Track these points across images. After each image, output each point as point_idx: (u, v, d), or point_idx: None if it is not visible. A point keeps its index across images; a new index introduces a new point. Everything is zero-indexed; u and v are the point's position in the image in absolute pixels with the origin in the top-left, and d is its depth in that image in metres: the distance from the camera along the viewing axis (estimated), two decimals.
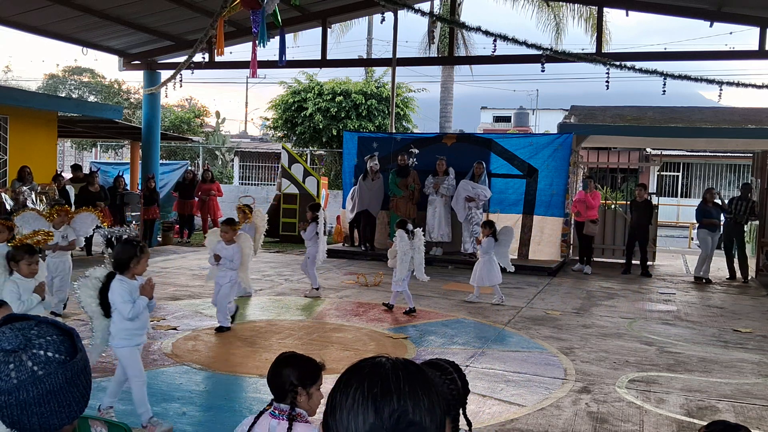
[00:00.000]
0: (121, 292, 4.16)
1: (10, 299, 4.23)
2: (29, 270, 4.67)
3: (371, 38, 26.53)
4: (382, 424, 1.04)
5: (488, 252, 8.73)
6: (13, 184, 11.15)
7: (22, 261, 4.64)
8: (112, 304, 4.18)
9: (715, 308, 9.32)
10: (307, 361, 2.69)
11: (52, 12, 12.01)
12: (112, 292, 4.17)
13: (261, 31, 8.27)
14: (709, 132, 12.78)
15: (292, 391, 2.58)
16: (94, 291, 4.20)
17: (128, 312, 4.16)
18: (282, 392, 2.61)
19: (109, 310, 4.22)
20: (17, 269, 4.64)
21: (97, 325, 4.28)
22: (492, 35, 10.66)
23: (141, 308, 4.20)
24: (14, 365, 1.23)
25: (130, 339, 4.28)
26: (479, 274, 8.80)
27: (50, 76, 36.59)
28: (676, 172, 28.38)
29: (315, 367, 2.68)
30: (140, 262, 4.24)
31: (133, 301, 4.17)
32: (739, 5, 11.39)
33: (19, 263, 4.63)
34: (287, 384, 2.59)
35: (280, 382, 2.62)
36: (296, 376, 2.60)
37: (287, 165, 15.11)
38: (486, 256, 8.75)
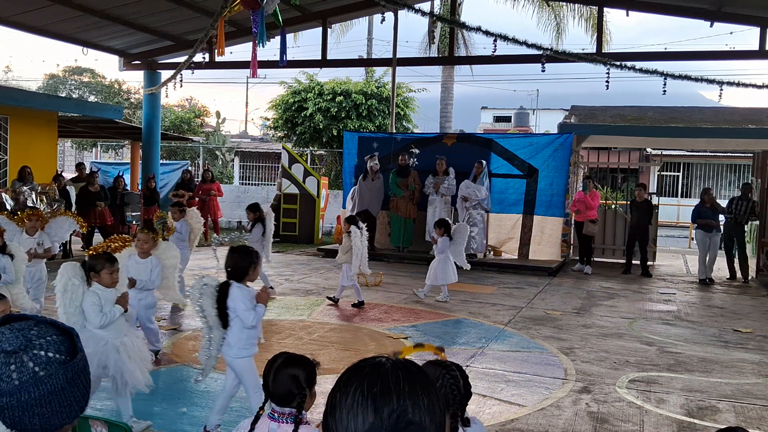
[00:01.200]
0: (244, 299, 4.04)
1: (92, 312, 4.11)
2: (111, 279, 4.32)
3: (371, 38, 26.56)
4: (382, 423, 1.05)
5: (443, 251, 8.71)
6: (14, 184, 11.15)
7: (103, 270, 4.28)
8: (233, 312, 4.03)
9: (715, 308, 9.32)
10: (307, 361, 2.63)
11: (52, 12, 12.02)
12: (234, 300, 4.02)
13: (261, 31, 8.27)
14: (709, 132, 12.78)
15: (301, 394, 2.51)
16: (212, 299, 4.05)
17: (252, 320, 4.05)
18: (288, 396, 2.52)
19: (227, 320, 4.07)
20: (98, 279, 4.28)
21: (216, 335, 4.12)
22: (492, 35, 10.66)
23: (262, 315, 4.10)
24: (15, 366, 1.23)
25: (249, 348, 4.16)
26: (434, 273, 8.77)
27: (50, 76, 36.60)
28: (676, 172, 28.38)
29: (312, 366, 2.63)
30: (256, 270, 4.17)
31: (253, 309, 4.06)
32: (739, 5, 11.39)
33: (100, 273, 4.28)
34: (295, 387, 2.51)
35: (287, 386, 2.53)
36: (304, 378, 2.53)
37: (287, 165, 15.11)
38: (441, 255, 8.72)
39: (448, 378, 2.18)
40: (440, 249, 8.75)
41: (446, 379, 2.19)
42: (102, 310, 4.15)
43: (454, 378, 2.20)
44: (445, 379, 2.18)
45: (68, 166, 29.40)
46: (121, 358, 4.13)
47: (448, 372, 2.21)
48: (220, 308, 4.03)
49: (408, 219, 12.79)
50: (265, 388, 2.59)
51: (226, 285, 4.05)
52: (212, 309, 4.03)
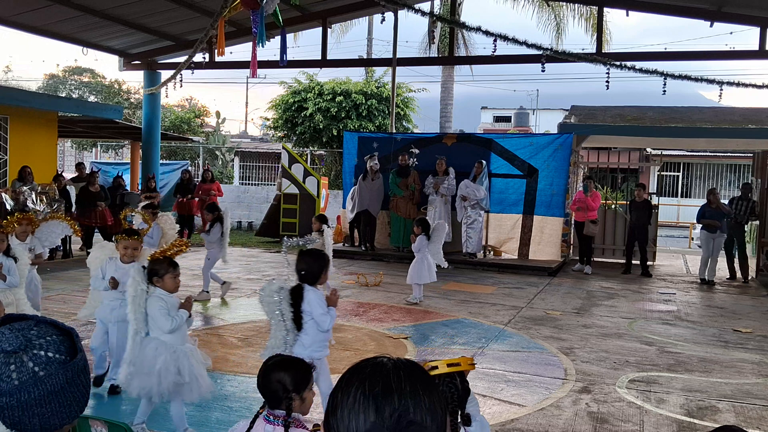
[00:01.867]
0: (320, 303, 4.09)
1: (161, 316, 4.03)
2: (174, 284, 4.21)
3: (371, 38, 26.55)
4: (383, 423, 1.05)
5: (421, 250, 8.64)
6: (14, 184, 11.14)
7: (167, 275, 4.16)
8: (309, 315, 4.08)
9: (715, 308, 9.32)
10: (297, 365, 2.61)
11: (52, 12, 12.02)
12: (310, 304, 4.07)
13: (260, 31, 8.27)
14: (709, 132, 12.77)
15: (287, 398, 2.50)
16: (288, 303, 4.06)
17: (328, 324, 4.11)
18: (276, 399, 2.53)
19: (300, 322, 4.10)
20: (161, 285, 4.16)
21: (290, 338, 4.10)
22: (492, 35, 10.67)
23: (335, 318, 4.15)
24: (15, 366, 1.23)
25: (322, 350, 4.21)
26: (411, 272, 8.71)
27: (50, 76, 36.61)
28: (676, 172, 28.38)
29: (306, 369, 2.61)
30: (326, 273, 4.20)
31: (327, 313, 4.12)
32: (739, 5, 11.39)
33: (164, 278, 4.16)
34: (281, 391, 2.51)
35: (273, 390, 2.53)
36: (290, 382, 2.52)
37: (287, 165, 15.11)
38: (419, 255, 8.66)
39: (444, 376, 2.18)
40: (417, 248, 8.67)
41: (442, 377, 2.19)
42: (169, 314, 4.10)
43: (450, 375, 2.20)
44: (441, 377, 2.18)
45: (68, 166, 29.40)
46: (192, 363, 4.11)
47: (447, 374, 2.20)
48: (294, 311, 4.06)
49: (408, 219, 12.78)
50: (259, 389, 2.59)
51: (299, 288, 4.09)
52: (290, 313, 4.04)
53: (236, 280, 10.06)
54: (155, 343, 4.05)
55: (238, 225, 18.36)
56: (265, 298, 4.06)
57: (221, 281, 8.85)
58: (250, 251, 13.84)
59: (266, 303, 4.07)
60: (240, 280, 10.06)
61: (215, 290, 8.84)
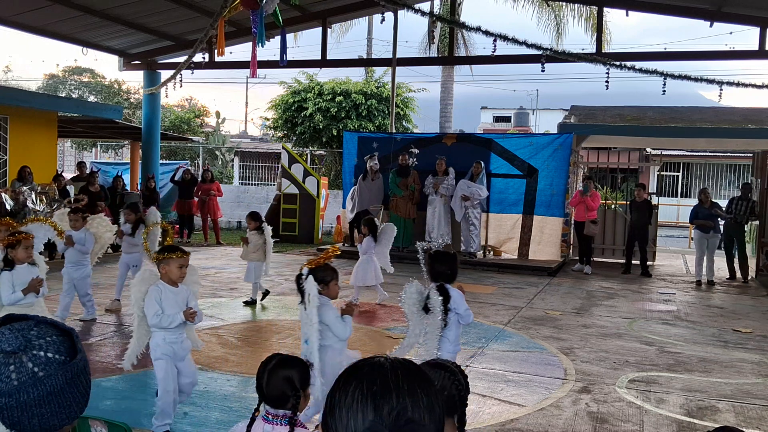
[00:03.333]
0: (463, 299, 4.31)
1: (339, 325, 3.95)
2: (336, 290, 4.10)
3: (371, 38, 26.55)
4: (382, 422, 1.05)
5: (367, 252, 8.56)
6: (13, 184, 11.15)
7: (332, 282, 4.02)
8: (454, 312, 4.28)
9: (715, 308, 9.32)
10: (299, 363, 2.60)
11: (52, 12, 12.02)
12: (455, 302, 4.27)
13: (260, 31, 8.27)
14: (709, 132, 12.78)
15: (295, 396, 2.50)
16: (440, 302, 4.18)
17: (471, 318, 4.39)
18: (283, 398, 2.51)
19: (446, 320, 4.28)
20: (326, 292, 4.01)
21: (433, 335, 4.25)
22: (492, 35, 10.67)
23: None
24: (15, 367, 1.23)
25: (458, 345, 4.47)
26: (356, 274, 8.61)
27: (50, 76, 36.63)
28: (676, 172, 28.39)
29: (305, 367, 2.61)
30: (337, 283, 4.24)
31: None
32: (739, 5, 11.39)
33: (329, 285, 4.00)
34: (289, 390, 2.50)
35: (281, 388, 2.51)
36: (298, 380, 2.52)
37: (287, 165, 15.11)
38: (365, 256, 8.57)
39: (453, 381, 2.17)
40: (364, 249, 8.59)
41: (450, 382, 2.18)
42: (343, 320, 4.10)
43: (458, 381, 2.19)
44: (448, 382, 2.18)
45: (68, 166, 29.41)
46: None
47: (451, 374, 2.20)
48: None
49: (408, 219, 12.79)
50: (259, 390, 2.58)
51: (442, 288, 4.25)
52: (442, 311, 4.19)
53: (236, 280, 10.07)
54: (332, 351, 4.04)
55: (238, 225, 18.35)
56: (407, 299, 4.22)
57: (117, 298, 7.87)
58: None
59: (408, 304, 4.22)
60: (240, 281, 10.06)
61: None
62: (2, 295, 4.75)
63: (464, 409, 2.19)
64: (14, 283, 4.82)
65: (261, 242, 8.23)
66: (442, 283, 4.29)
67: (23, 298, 4.80)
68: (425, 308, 4.25)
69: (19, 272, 4.87)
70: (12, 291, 4.77)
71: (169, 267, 4.12)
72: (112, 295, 8.03)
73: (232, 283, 9.79)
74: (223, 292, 9.15)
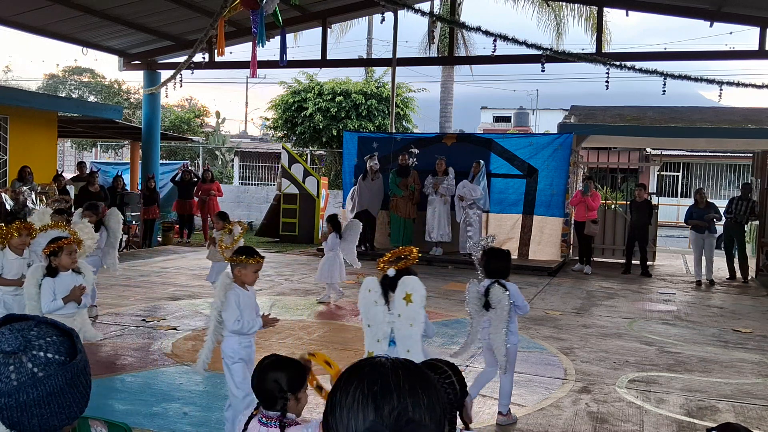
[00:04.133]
0: (520, 294, 4.69)
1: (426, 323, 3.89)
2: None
3: (371, 38, 26.54)
4: (382, 421, 1.05)
5: (333, 249, 8.54)
6: (14, 184, 11.14)
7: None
8: (514, 304, 4.59)
9: (715, 308, 9.32)
10: (293, 365, 2.59)
11: (52, 12, 12.02)
12: (515, 296, 4.59)
13: (260, 31, 8.27)
14: (709, 132, 12.77)
15: (283, 398, 2.50)
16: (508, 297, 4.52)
17: (528, 309, 4.89)
18: (271, 399, 2.52)
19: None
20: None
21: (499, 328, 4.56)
22: (492, 35, 10.66)
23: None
24: (14, 367, 1.23)
25: (518, 335, 4.81)
26: (321, 271, 8.57)
27: (50, 76, 36.63)
28: (676, 172, 28.38)
29: (301, 369, 2.59)
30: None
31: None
32: (739, 5, 11.39)
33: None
34: (276, 392, 2.50)
35: (269, 390, 2.52)
36: (285, 382, 2.51)
37: (287, 165, 15.11)
38: (331, 253, 8.55)
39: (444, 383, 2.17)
40: (329, 246, 8.56)
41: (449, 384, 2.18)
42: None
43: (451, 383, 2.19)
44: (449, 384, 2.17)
45: (68, 166, 29.41)
46: None
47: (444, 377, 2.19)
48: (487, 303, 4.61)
49: (408, 219, 12.79)
50: (253, 390, 2.58)
51: (500, 283, 4.59)
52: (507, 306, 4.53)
53: None
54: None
55: None
56: (471, 298, 4.63)
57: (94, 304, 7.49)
58: None
59: (471, 303, 4.63)
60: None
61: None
62: (42, 302, 4.55)
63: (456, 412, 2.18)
64: (56, 290, 4.58)
65: (230, 243, 8.00)
66: (498, 279, 4.59)
67: (63, 307, 4.57)
68: (485, 305, 4.57)
69: (62, 280, 4.61)
70: (53, 299, 4.55)
71: (246, 271, 4.06)
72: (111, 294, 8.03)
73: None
74: None
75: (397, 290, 3.85)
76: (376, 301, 3.93)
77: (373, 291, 3.95)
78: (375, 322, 3.95)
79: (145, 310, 7.80)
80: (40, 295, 4.55)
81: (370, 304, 3.97)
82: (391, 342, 3.92)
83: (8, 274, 5.13)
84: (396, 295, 3.85)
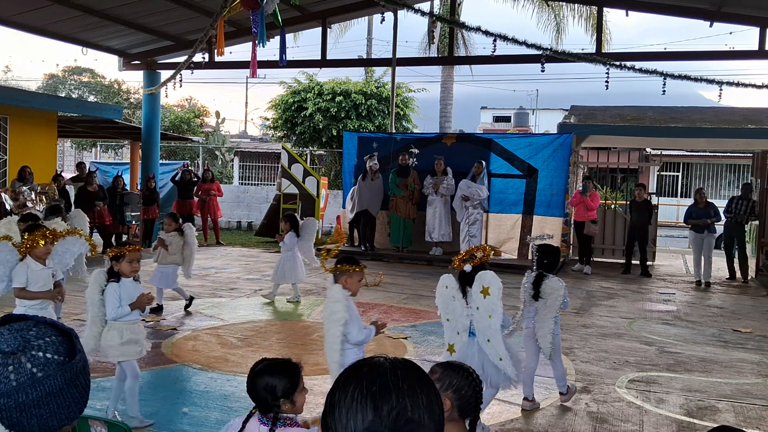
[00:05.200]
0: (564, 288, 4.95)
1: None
2: None
3: (371, 38, 26.53)
4: (381, 421, 1.05)
5: (291, 248, 8.45)
6: (13, 184, 11.15)
7: None
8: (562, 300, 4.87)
9: (715, 308, 9.32)
10: (285, 369, 2.54)
11: (52, 12, 12.01)
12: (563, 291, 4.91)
13: (260, 31, 8.27)
14: (709, 132, 12.76)
15: (275, 405, 2.48)
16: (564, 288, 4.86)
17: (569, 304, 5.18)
18: (265, 405, 2.49)
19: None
20: None
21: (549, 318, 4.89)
22: (492, 35, 10.66)
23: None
24: (13, 367, 1.22)
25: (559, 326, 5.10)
26: (281, 271, 8.48)
27: (50, 76, 36.63)
28: (676, 172, 28.38)
29: (294, 373, 2.55)
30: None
31: None
32: (739, 5, 11.38)
33: None
34: (270, 399, 2.47)
35: (261, 396, 2.49)
36: (278, 388, 2.47)
37: (287, 165, 15.11)
38: (288, 253, 8.47)
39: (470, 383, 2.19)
40: (287, 246, 8.46)
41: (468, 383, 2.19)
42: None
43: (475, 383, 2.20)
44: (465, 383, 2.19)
45: (68, 166, 29.40)
46: None
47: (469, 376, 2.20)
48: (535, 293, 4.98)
49: (407, 219, 12.79)
50: (248, 394, 2.56)
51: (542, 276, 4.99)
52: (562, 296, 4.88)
53: (236, 280, 10.07)
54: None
55: (238, 225, 18.36)
56: (526, 288, 5.00)
57: None
58: (250, 251, 13.85)
59: (524, 292, 4.99)
60: (240, 280, 10.07)
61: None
62: (108, 309, 4.36)
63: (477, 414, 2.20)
64: (121, 296, 4.40)
65: (181, 244, 7.79)
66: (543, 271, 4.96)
67: (129, 314, 4.42)
68: (534, 296, 4.90)
69: (125, 286, 4.44)
70: (119, 305, 4.36)
71: (352, 279, 4.10)
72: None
73: (231, 283, 9.79)
74: (223, 292, 9.15)
75: (474, 285, 4.18)
76: (453, 296, 4.24)
77: (450, 287, 4.29)
78: (454, 316, 4.25)
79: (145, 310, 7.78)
80: (105, 301, 4.37)
81: (448, 300, 4.29)
82: (471, 333, 4.24)
83: (34, 286, 4.65)
84: (473, 289, 4.18)
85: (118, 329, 4.37)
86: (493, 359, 4.13)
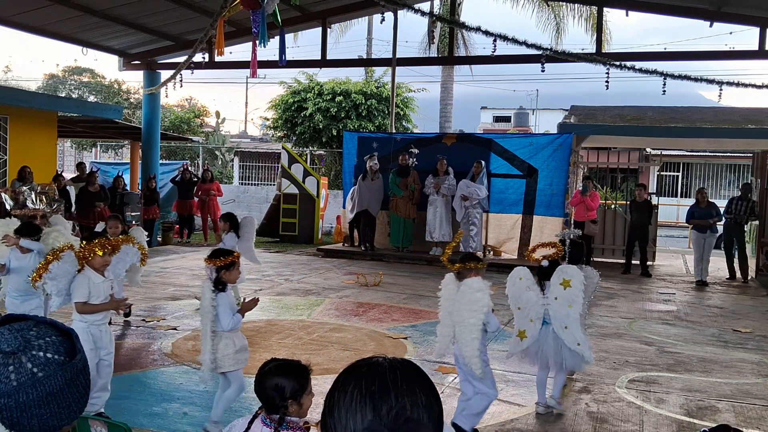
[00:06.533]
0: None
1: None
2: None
3: (371, 38, 26.53)
4: (381, 421, 1.05)
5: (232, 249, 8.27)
6: (13, 184, 11.14)
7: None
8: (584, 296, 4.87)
9: (715, 308, 9.32)
10: (295, 371, 2.54)
11: (52, 12, 12.01)
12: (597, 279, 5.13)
13: (261, 31, 8.27)
14: (709, 132, 12.76)
15: (283, 405, 2.47)
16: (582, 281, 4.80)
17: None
18: (272, 405, 2.49)
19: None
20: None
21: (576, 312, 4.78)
22: (492, 35, 10.66)
23: None
24: (14, 367, 1.22)
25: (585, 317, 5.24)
26: None
27: (50, 76, 36.63)
28: (676, 172, 28.38)
29: (303, 375, 2.54)
30: None
31: None
32: (739, 5, 11.39)
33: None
34: (278, 399, 2.47)
35: (269, 397, 2.48)
36: (287, 389, 2.47)
37: (287, 165, 15.11)
38: None
39: None
40: (227, 246, 8.39)
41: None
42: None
43: None
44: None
45: (68, 166, 29.40)
46: None
47: None
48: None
49: (407, 219, 12.79)
50: (256, 394, 2.56)
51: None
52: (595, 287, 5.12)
53: None
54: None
55: None
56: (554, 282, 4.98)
57: None
58: None
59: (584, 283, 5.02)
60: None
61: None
62: (223, 320, 4.16)
63: None
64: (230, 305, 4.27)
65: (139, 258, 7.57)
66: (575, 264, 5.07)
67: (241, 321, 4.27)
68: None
69: (229, 294, 4.33)
70: (233, 314, 4.21)
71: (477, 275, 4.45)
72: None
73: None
74: None
75: (554, 277, 4.63)
76: (528, 287, 4.72)
77: (524, 278, 4.80)
78: (527, 305, 4.70)
79: (145, 310, 7.80)
80: (218, 312, 4.17)
81: (522, 290, 4.77)
82: (544, 321, 4.65)
83: (96, 299, 4.34)
84: (552, 281, 4.63)
85: (230, 338, 4.23)
86: (569, 344, 4.54)
